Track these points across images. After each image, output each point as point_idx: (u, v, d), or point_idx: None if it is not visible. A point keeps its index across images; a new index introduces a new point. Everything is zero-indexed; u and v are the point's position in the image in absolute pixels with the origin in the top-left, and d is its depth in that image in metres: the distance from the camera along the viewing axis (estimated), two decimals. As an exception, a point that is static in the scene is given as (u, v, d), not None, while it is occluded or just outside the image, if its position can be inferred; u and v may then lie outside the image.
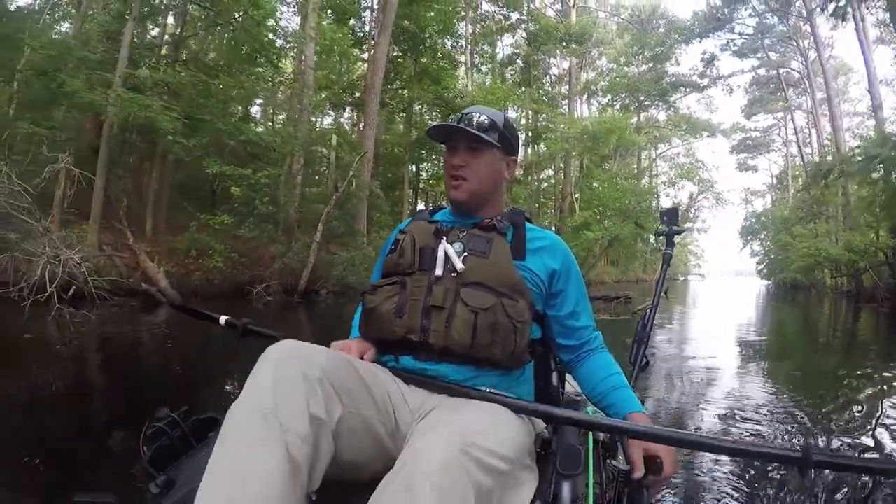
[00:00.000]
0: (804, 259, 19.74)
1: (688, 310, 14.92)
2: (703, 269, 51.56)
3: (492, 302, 1.15)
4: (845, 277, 22.45)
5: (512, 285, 1.19)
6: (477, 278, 1.18)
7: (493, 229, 1.27)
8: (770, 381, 5.14)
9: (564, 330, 1.31)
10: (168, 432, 1.16)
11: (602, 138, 22.83)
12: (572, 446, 0.95)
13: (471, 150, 1.29)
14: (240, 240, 11.31)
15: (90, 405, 3.72)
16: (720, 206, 36.32)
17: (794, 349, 8.04)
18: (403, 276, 1.24)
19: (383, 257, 1.39)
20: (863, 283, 19.49)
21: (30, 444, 2.68)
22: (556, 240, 1.35)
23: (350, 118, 24.30)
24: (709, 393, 4.56)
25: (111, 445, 2.62)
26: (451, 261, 1.21)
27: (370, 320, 1.23)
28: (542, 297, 1.28)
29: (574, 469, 0.92)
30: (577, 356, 1.32)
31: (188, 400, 1.29)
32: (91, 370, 4.98)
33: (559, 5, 32.08)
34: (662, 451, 1.07)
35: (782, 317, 14.31)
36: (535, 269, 1.26)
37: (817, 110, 27.69)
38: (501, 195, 1.40)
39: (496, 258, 1.22)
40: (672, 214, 2.27)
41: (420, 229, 1.32)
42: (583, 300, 1.34)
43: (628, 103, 35.23)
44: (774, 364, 6.36)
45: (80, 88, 8.96)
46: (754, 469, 2.60)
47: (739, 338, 8.65)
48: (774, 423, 3.72)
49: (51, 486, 2.12)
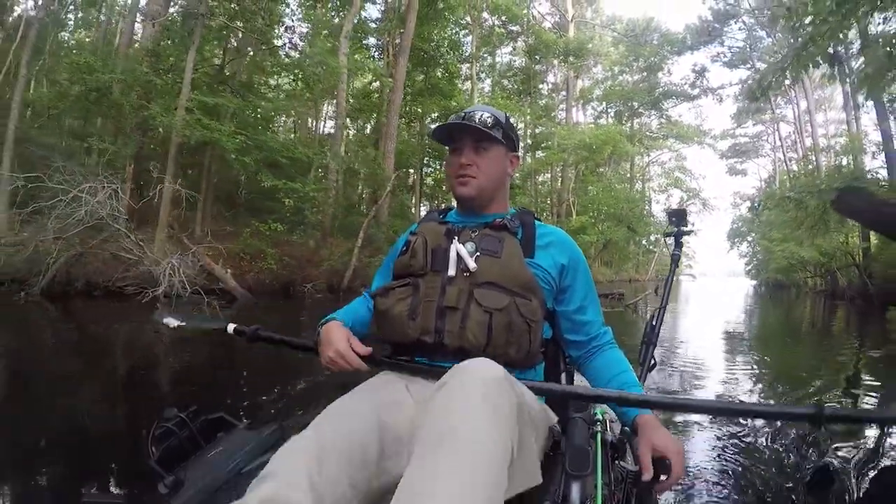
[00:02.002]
0: (780, 261, 21.73)
1: (679, 307, 16.64)
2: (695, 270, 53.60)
3: (505, 302, 1.16)
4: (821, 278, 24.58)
5: (524, 284, 1.20)
6: (490, 278, 1.19)
7: (504, 229, 1.28)
8: (759, 365, 5.87)
9: (573, 325, 1.33)
10: (176, 432, 1.19)
11: (598, 149, 24.79)
12: (581, 447, 0.96)
13: (476, 148, 1.31)
14: (285, 243, 13.16)
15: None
16: (707, 212, 38.51)
17: (776, 338, 9.36)
18: (416, 277, 1.25)
19: (393, 258, 1.39)
20: (837, 283, 21.48)
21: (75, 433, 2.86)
22: (563, 235, 1.37)
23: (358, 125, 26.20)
24: (708, 376, 4.93)
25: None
26: (464, 261, 1.21)
27: (383, 323, 1.24)
28: (552, 294, 1.29)
29: (583, 470, 0.93)
30: (587, 352, 1.33)
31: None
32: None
33: (556, 17, 34.17)
34: (671, 452, 1.06)
35: (765, 312, 15.89)
36: (544, 266, 1.27)
37: (801, 120, 29.66)
38: (506, 192, 1.42)
39: (508, 257, 1.23)
40: (680, 215, 2.31)
41: (431, 230, 1.33)
42: (591, 294, 1.35)
43: (622, 110, 37.27)
44: (760, 350, 7.23)
45: (158, 114, 10.81)
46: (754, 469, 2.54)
47: (728, 330, 9.69)
48: (777, 394, 4.38)
49: (62, 485, 2.14)
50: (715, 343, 7.64)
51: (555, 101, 34.89)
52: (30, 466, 2.30)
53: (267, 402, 3.33)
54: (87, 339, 6.29)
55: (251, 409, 3.17)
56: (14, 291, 8.89)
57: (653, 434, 1.10)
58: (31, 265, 9.12)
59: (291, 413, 3.06)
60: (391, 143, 16.93)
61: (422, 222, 1.43)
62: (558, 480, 1.00)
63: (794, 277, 28.20)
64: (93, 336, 6.56)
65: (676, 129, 37.26)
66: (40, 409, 3.27)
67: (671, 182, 40.85)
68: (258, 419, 2.79)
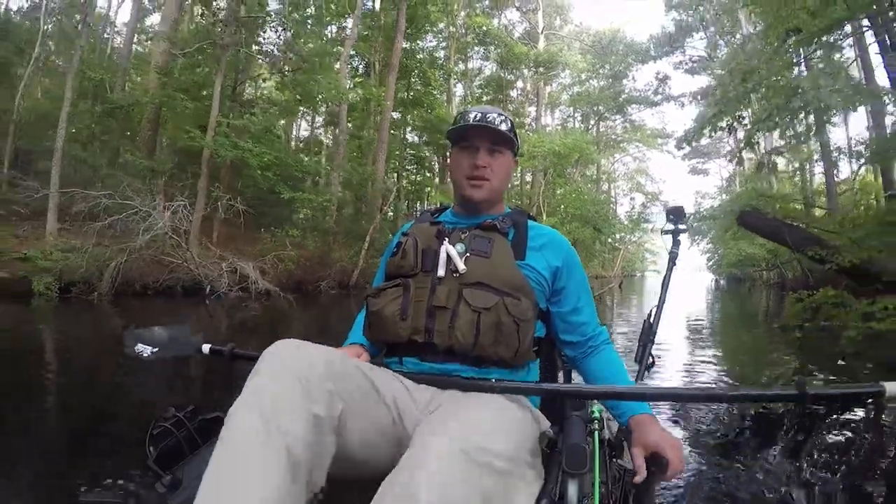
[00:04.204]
0: (733, 258, 24.62)
1: (643, 300, 18.64)
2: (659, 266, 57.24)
3: (494, 301, 1.19)
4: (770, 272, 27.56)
5: (514, 284, 1.23)
6: (479, 278, 1.23)
7: (494, 229, 1.32)
8: (718, 352, 6.61)
9: (567, 326, 1.36)
10: (174, 432, 1.23)
11: (566, 156, 27.31)
12: (578, 445, 0.97)
13: (491, 151, 1.36)
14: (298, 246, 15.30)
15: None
16: (667, 213, 41.83)
17: (730, 327, 10.68)
18: (406, 277, 1.29)
19: (386, 259, 1.43)
20: (787, 276, 23.60)
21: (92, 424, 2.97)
22: (557, 236, 1.40)
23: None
24: (675, 367, 5.26)
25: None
26: (453, 261, 1.25)
27: (374, 323, 1.29)
28: (545, 295, 1.32)
29: (580, 468, 0.94)
30: (582, 352, 1.37)
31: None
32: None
33: (525, 24, 36.82)
34: (667, 448, 1.09)
35: (722, 305, 17.80)
36: (537, 267, 1.30)
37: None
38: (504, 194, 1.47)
39: (498, 258, 1.27)
40: (678, 213, 2.30)
41: (422, 231, 1.38)
42: (585, 295, 1.38)
43: (589, 114, 40.08)
44: (717, 338, 8.20)
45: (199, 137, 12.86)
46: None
47: (689, 320, 10.69)
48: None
49: (59, 484, 2.15)
50: (679, 333, 8.18)
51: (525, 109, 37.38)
52: (29, 465, 2.37)
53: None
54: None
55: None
56: (85, 292, 10.73)
57: (646, 433, 1.14)
58: (98, 270, 10.98)
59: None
60: (382, 154, 19.16)
61: (414, 223, 1.49)
62: (555, 479, 1.01)
63: (748, 272, 31.18)
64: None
65: (640, 133, 40.41)
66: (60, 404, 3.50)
67: (633, 186, 44.45)
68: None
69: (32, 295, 9.95)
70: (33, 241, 11.59)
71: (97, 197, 10.82)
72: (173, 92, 13.69)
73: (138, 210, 10.62)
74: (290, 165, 14.68)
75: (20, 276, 10.25)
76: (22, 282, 10.14)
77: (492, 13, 33.66)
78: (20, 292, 9.88)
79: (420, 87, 23.29)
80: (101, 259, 10.96)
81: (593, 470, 1.00)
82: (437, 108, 23.40)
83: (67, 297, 10.43)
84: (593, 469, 1.00)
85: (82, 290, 10.77)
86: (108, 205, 10.71)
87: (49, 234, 11.79)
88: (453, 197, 1.49)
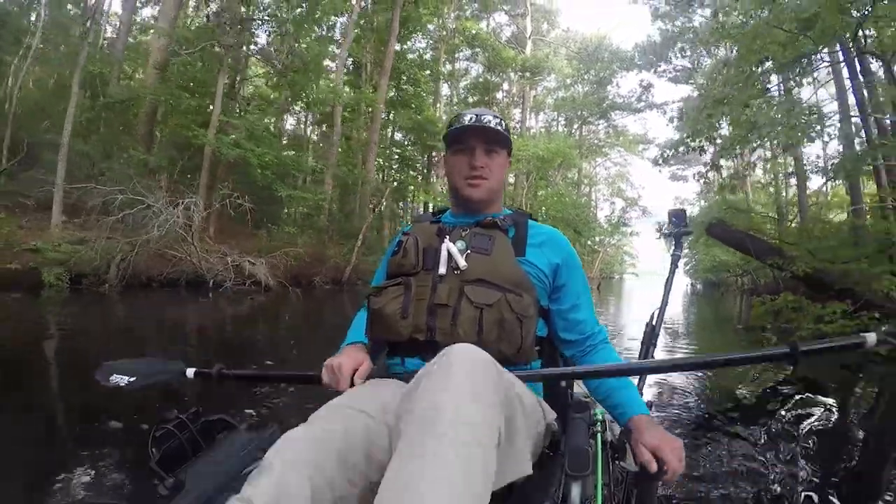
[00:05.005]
0: (707, 264, 25.86)
1: (620, 302, 19.70)
2: (637, 269, 58.81)
3: (496, 298, 1.20)
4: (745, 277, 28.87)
5: (515, 281, 1.25)
6: (480, 275, 1.24)
7: (494, 226, 1.34)
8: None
9: (566, 324, 1.37)
10: (177, 434, 1.23)
11: (549, 160, 28.26)
12: (581, 447, 0.98)
13: (488, 151, 1.37)
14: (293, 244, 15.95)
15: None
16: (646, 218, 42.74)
17: (706, 327, 11.69)
18: (407, 276, 1.30)
19: (387, 259, 1.45)
20: (759, 282, 24.48)
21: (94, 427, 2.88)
22: (558, 235, 1.42)
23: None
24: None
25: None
26: (454, 259, 1.27)
27: (376, 322, 1.30)
28: (545, 292, 1.34)
29: (583, 470, 0.96)
30: (581, 351, 1.37)
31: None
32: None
33: (513, 27, 37.63)
34: (666, 448, 1.09)
35: (697, 308, 18.95)
36: (537, 264, 1.31)
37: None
38: (502, 193, 1.50)
39: (498, 254, 1.28)
40: (680, 216, 2.32)
41: (423, 230, 1.39)
42: (584, 293, 1.39)
43: (573, 118, 40.94)
44: (692, 339, 8.79)
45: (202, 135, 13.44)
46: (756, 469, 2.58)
47: (666, 323, 12.43)
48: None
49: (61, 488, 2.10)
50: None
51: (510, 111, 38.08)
52: (29, 465, 2.35)
53: (267, 402, 3.39)
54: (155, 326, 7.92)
55: (251, 409, 3.23)
56: (95, 284, 11.27)
57: (645, 434, 1.14)
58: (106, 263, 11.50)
59: (292, 414, 3.07)
60: (373, 155, 19.89)
61: (414, 222, 1.53)
62: (558, 481, 1.01)
63: (723, 277, 32.55)
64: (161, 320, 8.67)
65: (622, 138, 41.61)
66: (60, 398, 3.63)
67: (614, 191, 45.80)
68: (259, 420, 2.99)
69: (43, 286, 10.34)
70: (37, 233, 11.98)
71: (110, 192, 11.30)
72: (176, 90, 14.19)
73: (150, 206, 11.12)
74: (287, 165, 15.33)
75: (30, 268, 10.60)
76: (32, 273, 10.49)
77: (480, 16, 34.45)
78: (31, 283, 10.26)
79: (409, 88, 24.06)
80: (111, 252, 11.47)
81: (596, 472, 1.03)
82: (425, 109, 24.19)
83: (78, 287, 10.93)
84: (596, 471, 1.03)
85: (92, 281, 11.28)
86: (122, 200, 11.19)
87: (54, 227, 12.25)
88: (449, 200, 1.53)
